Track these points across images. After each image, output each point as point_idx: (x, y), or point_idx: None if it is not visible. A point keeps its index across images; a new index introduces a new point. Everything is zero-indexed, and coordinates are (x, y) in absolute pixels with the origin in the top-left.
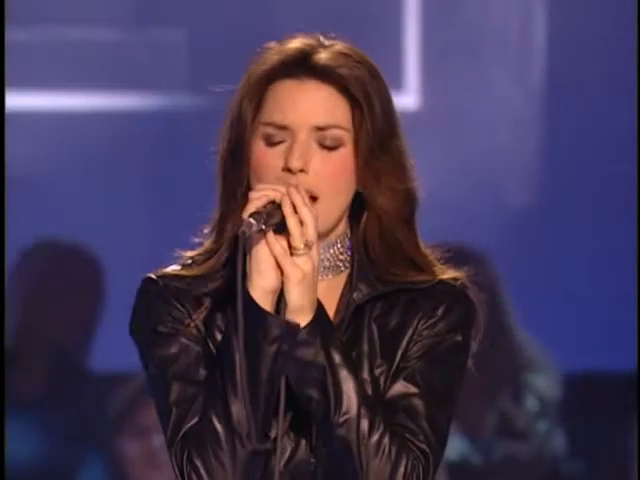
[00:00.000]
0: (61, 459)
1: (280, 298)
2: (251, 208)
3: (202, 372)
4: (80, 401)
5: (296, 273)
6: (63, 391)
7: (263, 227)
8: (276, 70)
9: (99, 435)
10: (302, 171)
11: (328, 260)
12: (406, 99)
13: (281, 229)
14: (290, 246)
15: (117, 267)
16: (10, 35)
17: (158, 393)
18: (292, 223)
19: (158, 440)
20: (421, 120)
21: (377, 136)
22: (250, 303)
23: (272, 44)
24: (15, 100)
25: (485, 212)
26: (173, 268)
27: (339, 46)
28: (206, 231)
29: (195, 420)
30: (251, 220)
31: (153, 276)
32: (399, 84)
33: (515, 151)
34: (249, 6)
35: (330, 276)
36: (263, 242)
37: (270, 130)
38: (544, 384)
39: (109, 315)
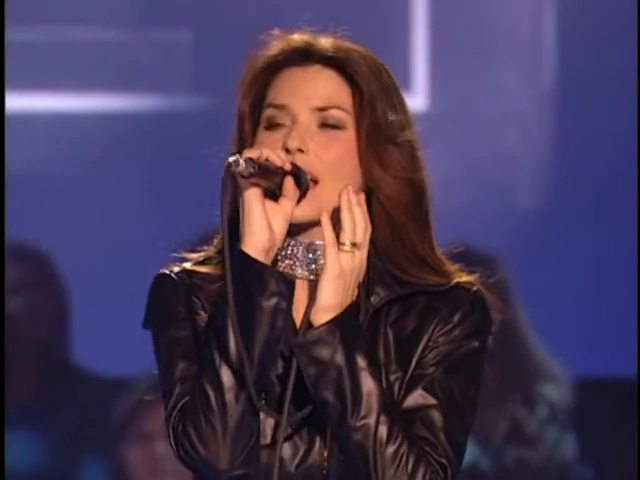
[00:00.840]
0: (63, 465)
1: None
2: (244, 155)
3: None
4: (82, 407)
5: (334, 267)
6: (64, 396)
7: (251, 172)
8: (279, 59)
9: (102, 441)
10: (301, 151)
11: None
12: (414, 100)
13: (273, 195)
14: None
15: (118, 269)
16: (10, 35)
17: (164, 373)
18: (346, 218)
19: (162, 447)
20: (430, 121)
21: (381, 122)
22: (244, 258)
23: (275, 32)
24: (15, 101)
25: (493, 213)
26: (187, 264)
27: (341, 39)
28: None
29: None
30: (240, 159)
31: (166, 271)
32: (407, 85)
33: (524, 152)
34: (254, 6)
35: None
36: (255, 201)
37: (269, 112)
38: (555, 390)
39: (110, 319)
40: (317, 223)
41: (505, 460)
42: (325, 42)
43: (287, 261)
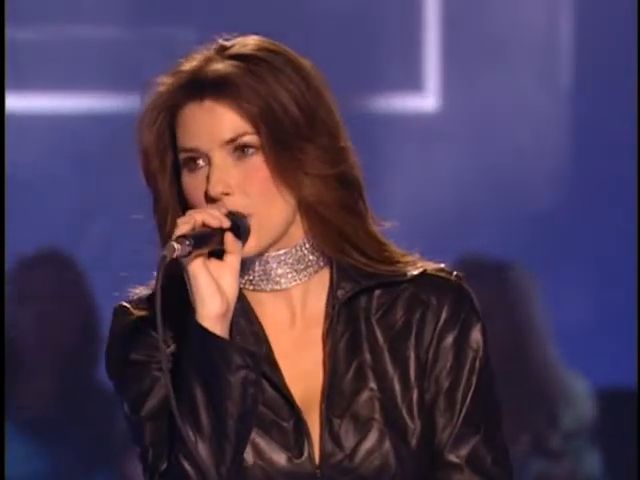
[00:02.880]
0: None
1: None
2: (177, 232)
3: None
4: (89, 419)
5: None
6: (71, 408)
7: (190, 250)
8: (171, 103)
9: (108, 455)
10: (226, 194)
11: (299, 262)
12: (426, 101)
13: (219, 255)
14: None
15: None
16: (10, 35)
17: (134, 432)
18: None
19: None
20: (441, 122)
21: (286, 128)
22: (202, 332)
23: (164, 78)
24: (15, 101)
25: (506, 214)
26: (145, 292)
27: (236, 47)
28: None
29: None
30: (174, 244)
31: (124, 304)
32: (419, 85)
33: (538, 153)
34: (257, 3)
35: (306, 279)
36: (200, 269)
37: (184, 155)
38: (578, 404)
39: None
40: (262, 251)
41: (528, 473)
42: (213, 66)
43: (246, 277)
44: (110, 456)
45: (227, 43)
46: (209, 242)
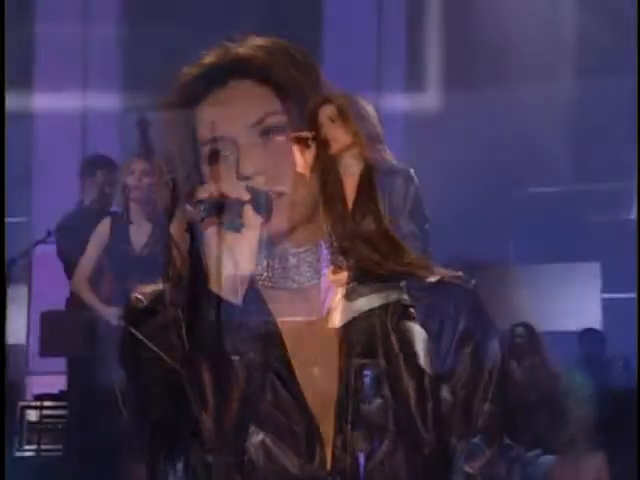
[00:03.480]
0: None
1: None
2: (194, 198)
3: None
4: (92, 418)
5: None
6: (75, 409)
7: (203, 215)
8: (197, 91)
9: (112, 454)
10: (256, 175)
11: (318, 261)
12: (429, 100)
13: (236, 226)
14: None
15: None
16: (10, 34)
17: (141, 417)
18: None
19: None
20: (443, 120)
21: (308, 107)
22: (214, 298)
23: (184, 70)
24: (15, 101)
25: (506, 213)
26: (161, 284)
27: (250, 40)
28: None
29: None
30: (187, 206)
31: (138, 296)
32: (421, 85)
33: (539, 153)
34: (264, 3)
35: (324, 278)
36: (213, 236)
37: (209, 147)
38: (579, 404)
39: None
40: (290, 232)
41: (533, 472)
42: (235, 50)
43: (265, 274)
44: (114, 456)
45: (239, 39)
46: (225, 211)
